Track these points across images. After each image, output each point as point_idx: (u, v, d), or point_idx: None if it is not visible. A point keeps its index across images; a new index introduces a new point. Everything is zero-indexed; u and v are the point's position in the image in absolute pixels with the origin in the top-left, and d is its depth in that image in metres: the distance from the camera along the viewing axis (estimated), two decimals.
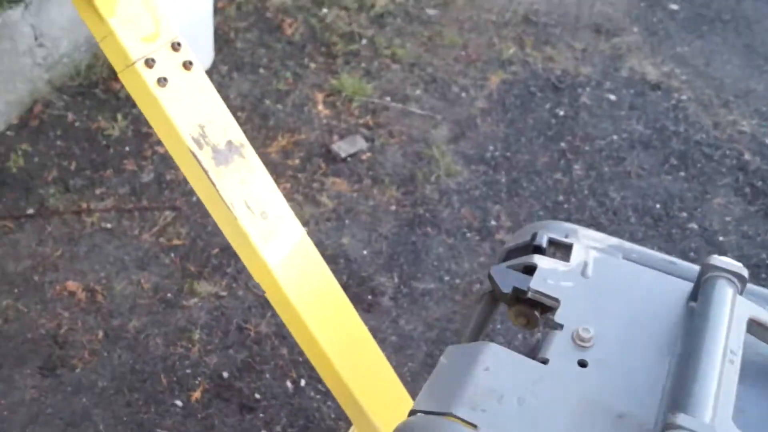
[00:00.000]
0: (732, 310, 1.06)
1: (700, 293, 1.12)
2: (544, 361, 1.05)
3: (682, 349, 1.05)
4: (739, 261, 1.13)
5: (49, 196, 2.94)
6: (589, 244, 1.27)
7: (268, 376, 2.44)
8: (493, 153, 3.37)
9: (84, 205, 2.93)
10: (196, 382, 2.40)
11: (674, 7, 4.62)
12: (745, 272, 1.11)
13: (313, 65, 3.79)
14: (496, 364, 1.04)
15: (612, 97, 3.80)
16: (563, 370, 1.04)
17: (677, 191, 3.26)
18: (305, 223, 2.89)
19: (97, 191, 2.99)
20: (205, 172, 1.25)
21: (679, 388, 0.96)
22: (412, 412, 1.00)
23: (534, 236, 1.29)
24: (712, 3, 4.67)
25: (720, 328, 1.02)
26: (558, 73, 3.92)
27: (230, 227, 1.29)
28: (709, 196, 3.25)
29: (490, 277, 1.22)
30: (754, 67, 4.12)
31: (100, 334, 2.51)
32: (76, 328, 2.52)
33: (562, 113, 3.65)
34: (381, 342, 2.50)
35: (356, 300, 2.65)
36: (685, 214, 3.15)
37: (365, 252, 2.85)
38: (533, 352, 1.12)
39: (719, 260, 1.12)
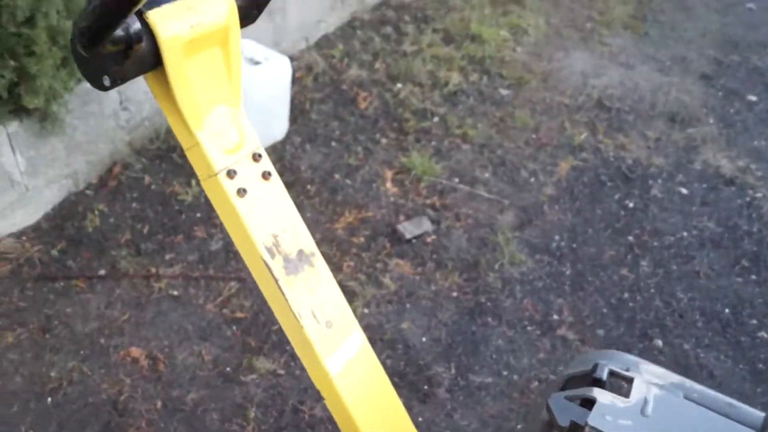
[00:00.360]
0: None
1: None
2: None
3: None
4: None
5: (121, 258, 3.03)
6: (650, 379, 1.27)
7: None
8: (558, 243, 3.34)
9: (153, 270, 3.01)
10: None
11: (752, 98, 4.56)
12: None
13: (384, 141, 3.84)
14: None
15: (684, 190, 3.74)
16: None
17: (748, 296, 3.17)
18: (366, 304, 2.91)
19: (167, 256, 3.07)
20: (276, 280, 1.28)
21: None
22: None
23: (595, 367, 1.30)
24: None
25: None
26: (629, 163, 3.89)
27: (296, 335, 1.32)
28: None
29: (547, 408, 1.23)
30: None
31: (159, 404, 2.55)
32: (136, 395, 2.57)
33: (631, 205, 3.61)
34: None
35: (412, 389, 2.64)
36: (755, 321, 3.06)
37: (424, 339, 2.84)
38: None
39: None
